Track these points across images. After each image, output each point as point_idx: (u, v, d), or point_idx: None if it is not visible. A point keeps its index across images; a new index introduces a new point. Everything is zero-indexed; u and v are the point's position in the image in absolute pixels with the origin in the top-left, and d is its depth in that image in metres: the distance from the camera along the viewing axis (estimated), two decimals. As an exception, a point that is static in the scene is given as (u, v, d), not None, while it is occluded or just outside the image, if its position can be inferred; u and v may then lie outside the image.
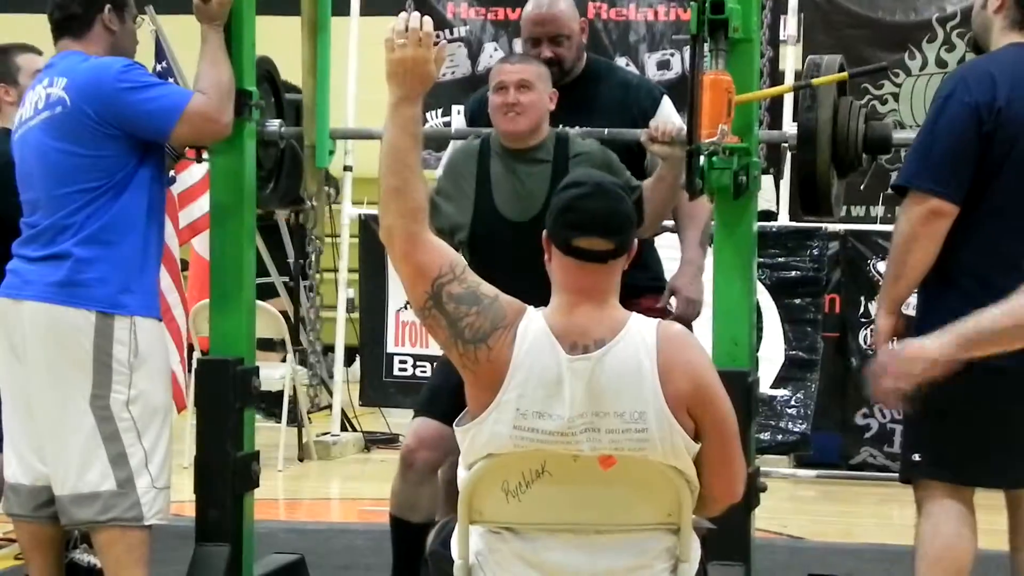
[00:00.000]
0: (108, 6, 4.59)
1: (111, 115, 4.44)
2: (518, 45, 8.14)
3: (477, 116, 5.12)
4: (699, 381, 3.20)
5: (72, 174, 4.47)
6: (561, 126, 4.80)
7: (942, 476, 4.29)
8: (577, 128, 4.82)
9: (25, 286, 4.49)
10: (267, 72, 5.09)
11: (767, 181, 8.14)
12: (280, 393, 8.13)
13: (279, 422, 8.12)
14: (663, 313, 4.81)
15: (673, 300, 4.91)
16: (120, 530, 4.47)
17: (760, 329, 7.22)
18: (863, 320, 7.75)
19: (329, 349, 8.89)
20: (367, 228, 8.40)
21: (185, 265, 8.19)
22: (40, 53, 5.39)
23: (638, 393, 3.15)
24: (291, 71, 5.09)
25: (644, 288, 4.75)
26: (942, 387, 4.25)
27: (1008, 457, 4.29)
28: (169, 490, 4.54)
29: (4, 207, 4.79)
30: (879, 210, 8.19)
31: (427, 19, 3.34)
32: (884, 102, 8.23)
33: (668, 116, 4.88)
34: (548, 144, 4.75)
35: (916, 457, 4.33)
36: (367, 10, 8.68)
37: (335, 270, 8.95)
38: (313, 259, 8.53)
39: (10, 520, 4.76)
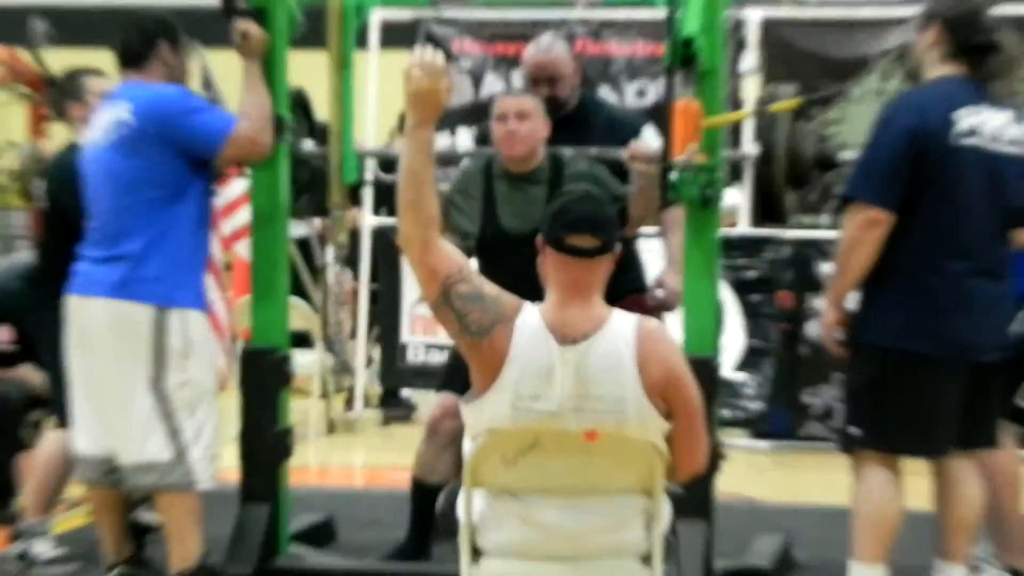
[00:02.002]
0: (166, 43, 4.62)
1: (169, 134, 4.45)
2: (515, 75, 8.16)
3: (480, 142, 5.31)
4: (671, 370, 3.20)
5: (135, 185, 4.48)
6: None
7: (879, 447, 4.32)
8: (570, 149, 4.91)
9: (91, 284, 4.50)
10: (300, 100, 5.11)
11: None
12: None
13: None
14: (646, 303, 4.86)
15: (660, 291, 4.96)
16: (176, 494, 4.50)
17: (722, 321, 7.22)
18: (811, 313, 7.75)
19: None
20: (384, 235, 8.39)
21: (228, 267, 8.18)
22: (104, 76, 5.39)
23: (618, 379, 3.16)
24: (320, 100, 5.11)
25: (627, 290, 4.77)
26: (878, 371, 4.29)
27: (934, 430, 4.32)
28: (216, 459, 4.57)
29: (70, 213, 4.79)
30: (826, 219, 8.19)
31: (440, 54, 3.35)
32: (831, 125, 8.23)
33: (647, 141, 4.94)
34: (544, 167, 4.84)
35: (854, 430, 4.35)
36: (385, 45, 8.67)
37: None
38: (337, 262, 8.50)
39: (83, 485, 4.81)
